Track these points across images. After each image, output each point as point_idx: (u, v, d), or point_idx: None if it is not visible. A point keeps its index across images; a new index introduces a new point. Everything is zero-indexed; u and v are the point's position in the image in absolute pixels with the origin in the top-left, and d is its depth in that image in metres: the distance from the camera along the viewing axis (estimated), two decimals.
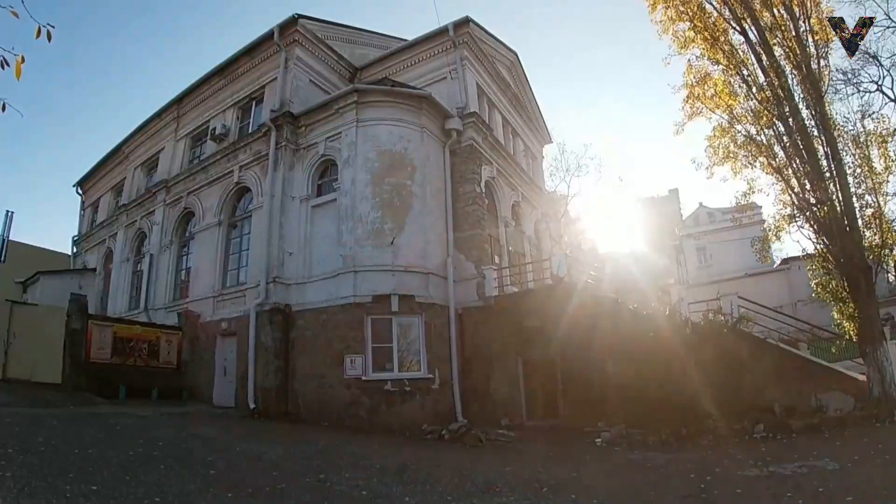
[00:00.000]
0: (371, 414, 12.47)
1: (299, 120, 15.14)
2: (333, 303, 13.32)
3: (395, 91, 14.38)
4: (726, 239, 22.99)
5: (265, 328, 13.79)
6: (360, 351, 12.83)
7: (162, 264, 17.93)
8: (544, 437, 12.11)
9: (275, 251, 14.31)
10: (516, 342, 13.83)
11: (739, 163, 14.95)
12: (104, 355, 14.54)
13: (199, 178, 17.35)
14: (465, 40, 16.12)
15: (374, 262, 13.34)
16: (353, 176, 13.87)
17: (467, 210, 14.85)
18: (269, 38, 16.06)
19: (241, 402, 13.97)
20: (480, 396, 13.76)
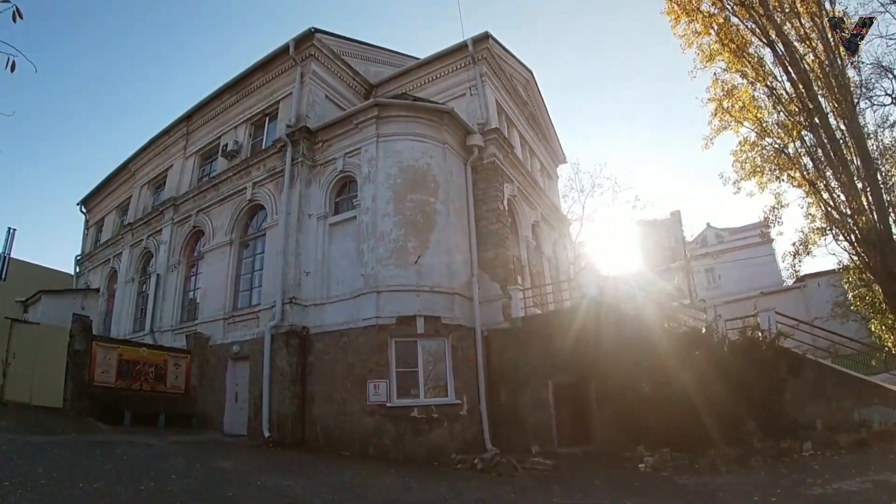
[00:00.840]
0: (396, 443, 11.52)
1: (316, 135, 14.43)
2: (355, 325, 12.44)
3: (417, 105, 13.72)
4: (739, 258, 22.46)
5: (281, 351, 12.86)
6: (384, 376, 11.92)
7: (169, 285, 16.96)
8: (581, 463, 11.24)
9: (291, 271, 13.44)
10: (545, 365, 13.00)
11: (766, 177, 14.49)
12: (108, 378, 13.51)
13: (210, 196, 16.51)
14: (484, 56, 15.58)
15: (398, 282, 12.51)
16: (375, 192, 13.11)
17: (491, 228, 14.10)
18: (284, 53, 15.43)
19: (255, 430, 12.95)
20: (509, 422, 12.85)
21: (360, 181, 13.46)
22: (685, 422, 10.42)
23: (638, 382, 11.49)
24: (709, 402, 10.28)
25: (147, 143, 19.54)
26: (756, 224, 23.97)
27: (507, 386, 13.16)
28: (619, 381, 11.74)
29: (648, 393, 11.33)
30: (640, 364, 11.53)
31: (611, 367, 11.94)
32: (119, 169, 21.12)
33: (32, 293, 18.88)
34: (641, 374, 11.47)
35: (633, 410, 11.34)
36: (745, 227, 25.44)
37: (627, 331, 12.22)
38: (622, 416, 11.66)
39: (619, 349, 11.89)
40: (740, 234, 25.64)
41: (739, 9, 14.07)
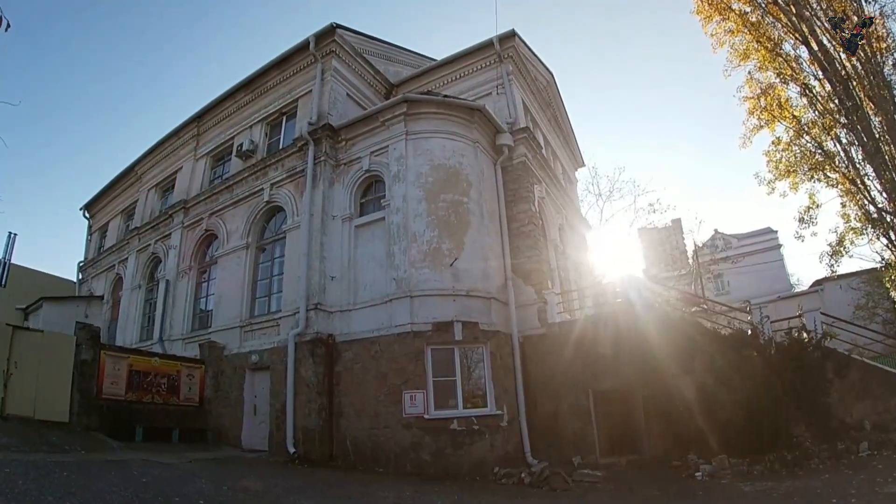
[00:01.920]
0: (436, 457, 10.38)
1: (339, 133, 13.35)
2: (387, 332, 11.31)
3: (448, 102, 12.73)
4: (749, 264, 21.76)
5: (306, 361, 11.67)
6: (421, 386, 10.79)
7: (179, 291, 15.66)
8: (630, 474, 10.29)
9: (315, 275, 12.28)
10: (585, 372, 12.00)
11: (800, 176, 13.78)
12: (118, 391, 12.19)
13: (223, 198, 15.29)
14: (510, 54, 14.67)
15: (433, 285, 11.43)
16: (405, 192, 12.05)
17: (523, 230, 13.11)
18: (303, 49, 14.35)
19: (277, 446, 11.72)
20: (548, 433, 11.79)
21: (389, 180, 12.40)
22: (734, 427, 9.80)
23: (683, 387, 10.72)
24: (757, 406, 9.68)
25: (154, 145, 18.25)
26: (762, 230, 23.38)
27: (544, 395, 12.12)
28: (664, 387, 10.92)
29: (694, 398, 10.58)
30: (685, 368, 10.84)
31: (655, 372, 11.08)
32: (124, 172, 19.75)
33: (33, 300, 17.40)
34: (686, 379, 10.74)
35: (679, 417, 10.63)
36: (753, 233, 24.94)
37: (670, 334, 11.36)
38: (667, 423, 10.92)
39: (663, 353, 11.06)
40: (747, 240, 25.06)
41: (772, 7, 13.37)
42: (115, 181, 20.29)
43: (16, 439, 9.70)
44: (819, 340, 11.36)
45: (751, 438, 9.64)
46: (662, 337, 11.39)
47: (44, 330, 12.16)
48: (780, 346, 11.26)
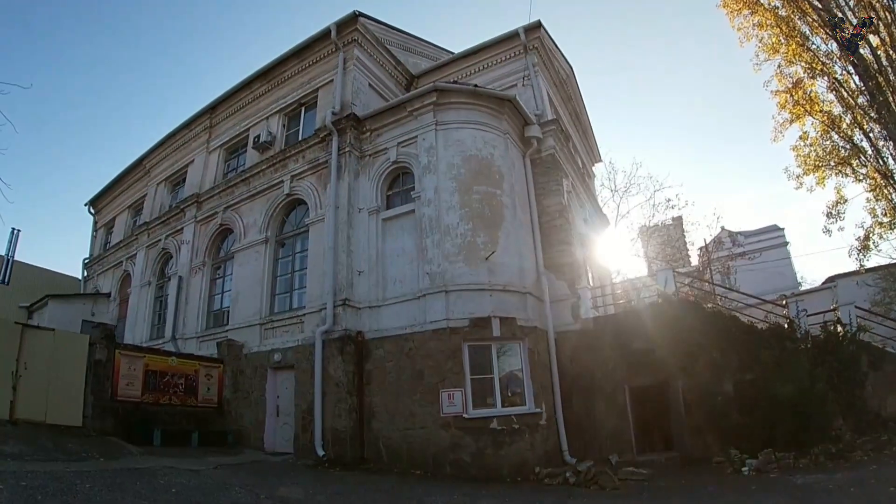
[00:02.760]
0: (476, 458, 9.63)
1: (364, 124, 12.53)
2: (421, 328, 10.53)
3: (478, 92, 11.97)
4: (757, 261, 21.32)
5: (335, 359, 10.84)
6: (459, 384, 10.03)
7: (193, 288, 14.69)
8: (673, 471, 9.79)
9: (343, 270, 11.46)
10: (620, 368, 11.42)
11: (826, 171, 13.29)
12: (134, 392, 11.26)
13: (239, 191, 14.36)
14: (535, 46, 13.98)
15: (468, 280, 10.67)
16: (437, 183, 11.27)
17: (554, 224, 12.43)
18: (324, 38, 13.51)
19: (304, 448, 10.90)
20: (583, 431, 11.17)
21: (419, 172, 11.61)
22: (778, 421, 9.49)
23: (720, 382, 10.46)
24: (795, 400, 9.32)
25: (164, 138, 17.23)
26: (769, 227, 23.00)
27: (579, 392, 11.48)
28: (702, 382, 10.56)
29: (732, 393, 10.32)
30: (722, 363, 10.51)
31: (692, 367, 10.71)
32: (132, 166, 18.66)
33: (37, 298, 16.28)
34: (723, 374, 10.48)
35: (717, 412, 10.28)
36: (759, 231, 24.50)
37: (706, 328, 10.93)
38: (706, 418, 10.46)
39: (700, 348, 10.75)
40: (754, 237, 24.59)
41: (802, 1, 12.84)
42: (122, 176, 19.18)
43: (29, 447, 8.75)
44: (854, 334, 11.02)
45: (796, 432, 9.30)
46: (699, 331, 11.02)
47: (55, 328, 11.13)
48: (816, 340, 10.90)
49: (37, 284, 16.96)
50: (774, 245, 23.00)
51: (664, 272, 11.98)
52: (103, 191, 20.03)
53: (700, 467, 9.78)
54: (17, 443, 8.77)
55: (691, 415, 10.87)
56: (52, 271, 19.21)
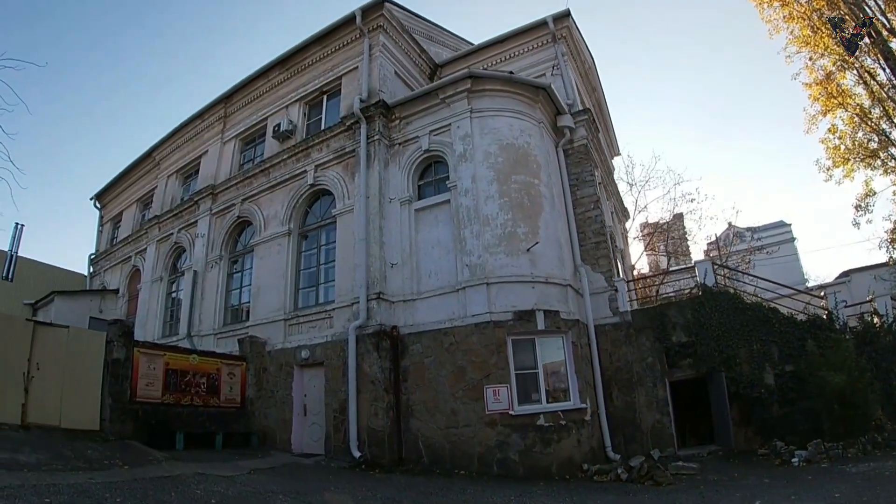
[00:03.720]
0: (523, 456, 8.90)
1: (393, 112, 11.68)
2: (461, 322, 9.73)
3: (514, 79, 11.22)
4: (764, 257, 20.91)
5: (370, 355, 9.99)
6: (504, 380, 9.26)
7: (209, 283, 13.66)
8: (720, 465, 9.22)
9: (376, 262, 10.61)
10: (660, 361, 10.84)
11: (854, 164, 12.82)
12: (154, 393, 10.27)
13: (258, 182, 13.39)
14: (563, 35, 13.26)
15: (510, 272, 9.90)
16: (474, 172, 10.49)
17: (588, 216, 11.73)
18: (348, 24, 12.65)
19: (337, 449, 10.04)
20: (624, 426, 10.56)
21: (454, 161, 10.80)
22: (816, 412, 9.29)
23: (761, 374, 10.08)
24: (844, 390, 8.93)
25: (175, 129, 16.14)
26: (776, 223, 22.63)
27: (619, 386, 10.86)
28: (743, 374, 10.15)
29: (773, 384, 9.97)
30: (763, 355, 10.15)
31: (734, 359, 10.28)
32: (140, 159, 17.48)
33: (42, 295, 15.05)
34: (764, 366, 10.11)
35: (759, 404, 9.92)
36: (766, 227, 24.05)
37: (746, 320, 10.49)
38: (747, 411, 10.11)
39: (741, 340, 10.36)
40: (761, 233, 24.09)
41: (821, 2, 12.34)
42: (130, 169, 17.98)
43: (46, 455, 7.73)
44: (892, 324, 10.78)
45: (842, 423, 9.00)
46: (739, 323, 10.57)
47: (69, 326, 10.06)
48: (854, 331, 10.67)
49: (41, 281, 15.73)
50: (782, 241, 22.61)
51: (703, 264, 11.37)
52: (110, 184, 18.79)
53: (745, 460, 9.35)
54: (32, 451, 7.75)
55: (733, 408, 10.40)
56: (57, 267, 17.93)
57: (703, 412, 12.04)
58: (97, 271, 18.14)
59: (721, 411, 10.47)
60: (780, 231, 24.43)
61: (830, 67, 12.23)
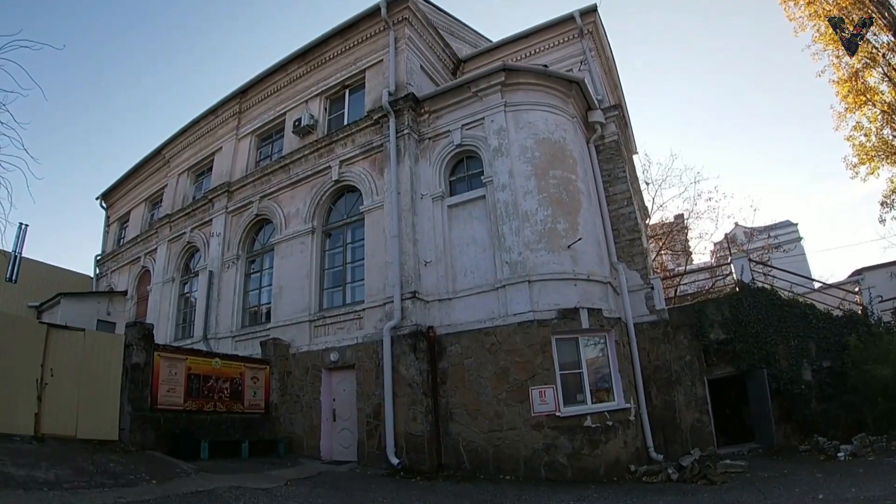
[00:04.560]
0: (572, 459, 8.35)
1: (423, 105, 11.05)
2: (503, 321, 9.13)
3: (548, 73, 10.70)
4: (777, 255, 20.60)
5: (406, 357, 9.32)
6: (549, 381, 8.68)
7: (225, 283, 12.86)
8: (765, 462, 8.83)
9: (410, 260, 9.96)
10: (698, 360, 10.40)
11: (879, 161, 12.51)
12: (175, 399, 9.49)
13: (278, 179, 12.65)
14: (590, 30, 12.78)
15: (552, 269, 9.34)
16: (511, 167, 9.91)
17: (621, 213, 11.24)
18: (371, 16, 12.04)
19: (371, 456, 9.36)
20: (664, 426, 10.10)
21: (488, 155, 10.21)
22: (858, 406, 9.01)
23: (799, 370, 9.76)
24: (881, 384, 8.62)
25: (187, 125, 15.30)
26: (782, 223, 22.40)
27: (658, 385, 10.40)
28: (781, 371, 9.82)
29: (811, 380, 9.69)
30: (800, 351, 9.84)
31: (772, 356, 9.92)
32: (149, 157, 16.58)
33: (47, 297, 14.05)
34: (801, 362, 9.81)
35: (799, 400, 9.59)
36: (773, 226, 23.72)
37: (783, 316, 10.16)
38: (786, 407, 9.77)
39: (780, 337, 10.01)
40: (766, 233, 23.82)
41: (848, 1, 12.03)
42: (139, 167, 17.05)
43: (66, 470, 6.95)
44: None
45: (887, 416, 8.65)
46: (777, 319, 10.21)
47: (85, 329, 9.20)
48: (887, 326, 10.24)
49: (45, 282, 14.71)
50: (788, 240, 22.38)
51: (740, 260, 10.93)
52: (117, 183, 17.82)
53: (788, 457, 9.00)
54: (50, 465, 6.94)
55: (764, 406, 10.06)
56: (62, 268, 16.87)
57: (733, 410, 11.64)
58: (104, 273, 17.14)
59: (762, 408, 10.04)
60: (786, 230, 24.23)
61: (857, 65, 11.92)
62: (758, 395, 10.10)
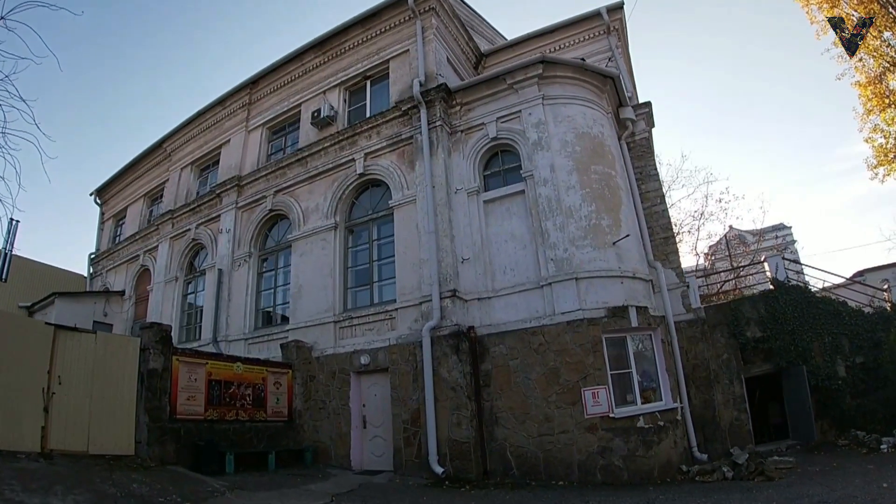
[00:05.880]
0: (627, 461, 7.92)
1: (454, 97, 10.48)
2: (550, 320, 8.62)
3: (586, 67, 10.32)
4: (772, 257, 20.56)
5: (448, 359, 8.71)
6: (602, 381, 8.21)
7: (237, 282, 11.94)
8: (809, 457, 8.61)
9: (448, 257, 9.36)
10: (735, 358, 10.18)
11: None
12: (196, 408, 8.62)
13: (294, 173, 11.84)
14: (616, 27, 12.46)
15: (598, 266, 8.89)
16: (552, 161, 9.44)
17: (655, 210, 10.92)
18: (397, 4, 11.40)
19: (408, 465, 8.72)
20: (704, 424, 9.80)
21: (527, 149, 9.72)
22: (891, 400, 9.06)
23: (833, 366, 9.71)
24: None
25: (191, 117, 14.26)
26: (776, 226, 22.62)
27: (697, 384, 10.10)
28: (816, 368, 9.74)
29: (845, 376, 9.63)
30: (834, 348, 9.80)
31: (808, 353, 9.83)
32: (149, 150, 15.38)
33: (39, 297, 12.75)
34: (835, 358, 9.77)
35: (834, 396, 9.52)
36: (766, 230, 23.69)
37: (818, 313, 10.05)
38: (824, 403, 9.68)
39: (814, 334, 9.92)
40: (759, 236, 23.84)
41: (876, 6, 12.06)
42: (137, 160, 15.81)
43: (86, 495, 6.09)
44: None
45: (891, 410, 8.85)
46: (811, 316, 10.06)
47: (97, 331, 8.21)
48: None
49: (37, 281, 13.38)
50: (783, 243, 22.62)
51: (774, 259, 10.74)
52: (113, 178, 16.48)
53: (829, 451, 8.91)
54: (66, 489, 6.06)
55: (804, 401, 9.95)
56: (54, 267, 15.41)
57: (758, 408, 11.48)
58: (98, 271, 15.80)
59: (801, 405, 9.93)
60: (780, 234, 24.46)
61: (878, 69, 11.96)
62: (796, 391, 9.95)
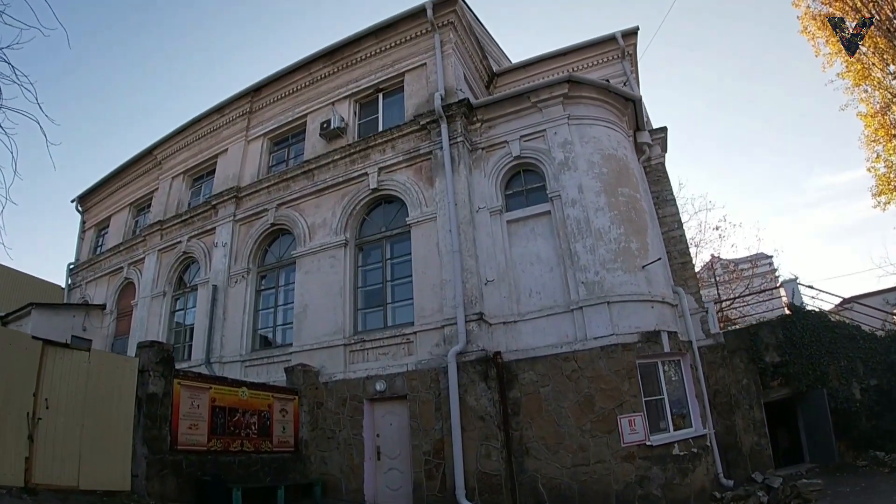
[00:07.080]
0: (666, 490, 7.65)
1: (475, 113, 10.35)
2: (582, 346, 8.39)
3: (610, 89, 10.35)
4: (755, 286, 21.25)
5: (476, 386, 8.35)
6: (637, 408, 8.00)
7: (232, 300, 11.25)
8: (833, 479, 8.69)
9: (472, 278, 9.06)
10: (754, 383, 10.27)
11: None
12: (199, 437, 7.91)
13: (299, 185, 11.37)
14: (630, 52, 12.72)
15: (630, 290, 8.77)
16: (580, 182, 9.36)
17: (672, 235, 11.00)
18: (414, 17, 11.27)
19: (430, 499, 8.26)
20: (726, 450, 9.70)
21: (553, 169, 9.62)
22: None
23: (850, 389, 9.91)
24: None
25: (185, 125, 13.56)
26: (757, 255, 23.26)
27: (718, 410, 10.07)
28: (833, 391, 9.90)
29: (861, 398, 9.85)
30: (849, 371, 10.01)
31: (825, 377, 10.01)
32: (138, 157, 14.46)
33: (12, 307, 11.62)
34: (851, 381, 9.98)
35: (852, 418, 9.71)
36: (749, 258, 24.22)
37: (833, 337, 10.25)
38: (842, 425, 9.82)
39: (831, 357, 10.11)
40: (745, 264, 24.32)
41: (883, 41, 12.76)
42: (124, 168, 14.82)
43: None
44: None
45: None
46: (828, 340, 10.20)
47: (90, 349, 7.47)
48: None
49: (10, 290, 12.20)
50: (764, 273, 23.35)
51: (790, 283, 10.93)
52: (97, 185, 15.38)
53: (851, 472, 9.04)
54: None
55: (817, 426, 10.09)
56: (29, 275, 14.12)
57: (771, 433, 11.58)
58: (77, 283, 14.58)
59: (820, 428, 10.05)
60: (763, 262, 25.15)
61: (883, 102, 12.59)
62: (815, 414, 10.08)
